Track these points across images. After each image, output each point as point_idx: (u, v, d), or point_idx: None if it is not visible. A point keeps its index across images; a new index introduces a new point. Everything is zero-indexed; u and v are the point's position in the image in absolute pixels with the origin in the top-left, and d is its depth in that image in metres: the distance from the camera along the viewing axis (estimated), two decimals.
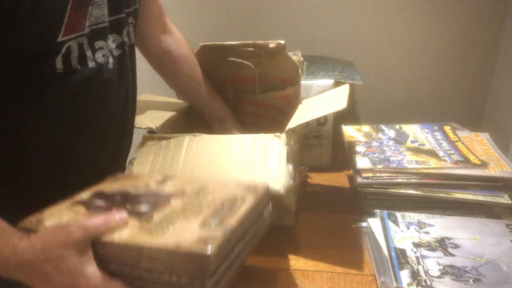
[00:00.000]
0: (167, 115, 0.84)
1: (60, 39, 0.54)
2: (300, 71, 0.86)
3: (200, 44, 0.87)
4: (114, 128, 0.70)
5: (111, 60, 0.64)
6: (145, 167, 0.70)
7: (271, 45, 0.82)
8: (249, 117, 0.92)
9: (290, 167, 0.66)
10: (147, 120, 0.81)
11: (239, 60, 0.85)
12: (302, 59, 0.88)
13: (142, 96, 0.92)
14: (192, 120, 0.93)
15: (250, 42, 0.84)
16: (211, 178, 0.62)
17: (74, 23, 0.55)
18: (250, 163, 0.67)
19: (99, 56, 0.61)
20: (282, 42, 0.82)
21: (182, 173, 0.67)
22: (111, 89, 0.66)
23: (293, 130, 0.71)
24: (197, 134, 0.74)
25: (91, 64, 0.60)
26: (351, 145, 0.84)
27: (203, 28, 1.43)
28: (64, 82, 0.57)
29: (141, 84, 0.80)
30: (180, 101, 0.94)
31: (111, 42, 0.63)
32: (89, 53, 0.59)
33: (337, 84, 0.94)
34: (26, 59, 0.53)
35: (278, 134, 0.69)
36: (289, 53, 0.85)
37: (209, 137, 0.74)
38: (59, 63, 0.55)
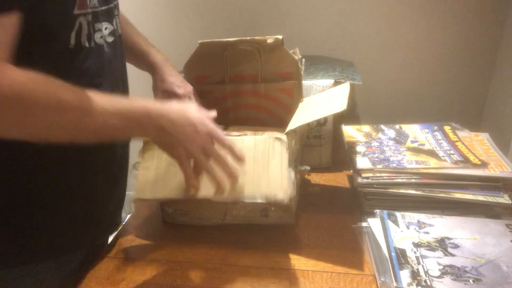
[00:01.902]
0: None
1: (76, 11, 0.56)
2: (300, 65, 0.86)
3: (199, 41, 0.88)
4: None
5: (105, 45, 0.65)
6: (150, 172, 0.71)
7: (269, 41, 0.83)
8: (250, 110, 0.92)
9: (292, 173, 0.66)
10: None
11: (241, 42, 0.85)
12: (300, 56, 0.88)
13: None
14: None
15: (248, 38, 0.85)
16: None
17: (84, 0, 0.58)
18: (253, 167, 0.67)
19: (97, 37, 0.63)
20: (280, 37, 0.83)
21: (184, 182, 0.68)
22: (105, 73, 0.67)
23: (293, 130, 0.71)
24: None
25: (92, 44, 0.62)
26: (351, 145, 0.84)
27: (202, 27, 1.43)
28: (73, 59, 0.59)
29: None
30: None
31: (104, 29, 0.66)
32: (92, 32, 0.61)
33: (337, 84, 0.94)
34: (46, 31, 0.54)
35: (279, 136, 0.69)
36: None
37: None
38: (72, 38, 0.57)
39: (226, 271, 0.65)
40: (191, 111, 0.62)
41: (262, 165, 0.67)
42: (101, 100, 0.53)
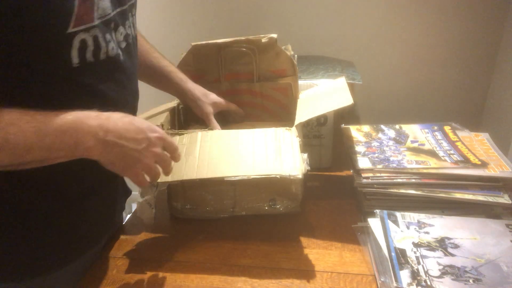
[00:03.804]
0: (162, 115, 0.85)
1: (70, 30, 0.52)
2: (295, 62, 0.87)
3: (192, 44, 0.88)
4: None
5: (120, 52, 0.63)
6: None
7: (263, 40, 0.84)
8: (246, 107, 0.92)
9: (305, 155, 0.69)
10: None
11: (236, 46, 0.86)
12: (292, 52, 0.88)
13: None
14: (186, 116, 0.94)
15: (243, 38, 0.85)
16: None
17: (84, 14, 0.54)
18: (265, 155, 0.69)
19: (110, 49, 0.60)
20: (274, 36, 0.83)
21: (199, 167, 0.69)
22: (123, 83, 0.65)
23: (302, 124, 0.74)
24: (210, 128, 0.76)
25: (102, 57, 0.58)
26: (351, 145, 0.84)
27: (199, 25, 1.43)
28: (80, 77, 0.56)
29: None
30: (168, 102, 0.93)
31: (119, 35, 0.63)
32: (103, 46, 0.58)
33: None
34: (40, 52, 0.51)
35: (288, 128, 0.73)
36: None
37: (222, 132, 0.78)
38: (75, 57, 0.54)
39: (226, 271, 0.65)
40: (137, 120, 0.58)
41: (274, 150, 0.70)
42: (24, 131, 0.49)
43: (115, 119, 0.55)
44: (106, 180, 0.69)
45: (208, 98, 0.86)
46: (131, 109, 0.70)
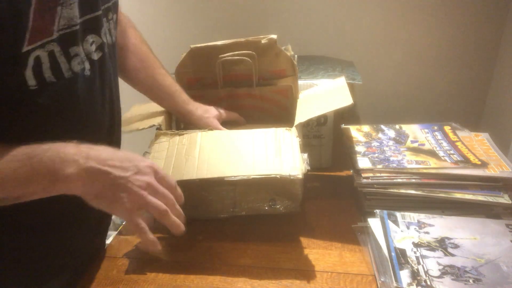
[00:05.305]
0: (161, 114, 0.85)
1: (25, 48, 0.45)
2: (295, 62, 0.87)
3: (191, 46, 0.87)
4: (100, 140, 0.58)
5: (87, 66, 0.55)
6: (159, 162, 0.72)
7: (263, 41, 0.84)
8: (246, 110, 0.92)
9: (305, 155, 0.69)
10: (144, 122, 0.82)
11: (234, 53, 0.85)
12: (292, 53, 0.88)
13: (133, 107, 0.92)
14: None
15: (243, 40, 0.85)
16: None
17: (40, 28, 0.47)
18: (265, 155, 0.69)
19: (75, 64, 0.52)
20: (274, 36, 0.83)
21: (199, 167, 0.69)
22: (91, 99, 0.58)
23: (302, 124, 0.74)
24: (210, 129, 0.76)
25: (67, 74, 0.51)
26: (351, 145, 0.84)
27: (198, 25, 1.43)
28: (38, 100, 0.49)
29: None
30: None
31: (88, 45, 0.55)
32: (63, 62, 0.51)
33: None
34: None
35: (288, 128, 0.73)
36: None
37: (222, 132, 0.78)
38: (30, 78, 0.47)
39: (226, 271, 0.65)
40: (123, 151, 0.53)
41: (273, 150, 0.70)
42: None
43: (97, 148, 0.51)
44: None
45: (210, 113, 0.85)
46: (110, 132, 0.65)
